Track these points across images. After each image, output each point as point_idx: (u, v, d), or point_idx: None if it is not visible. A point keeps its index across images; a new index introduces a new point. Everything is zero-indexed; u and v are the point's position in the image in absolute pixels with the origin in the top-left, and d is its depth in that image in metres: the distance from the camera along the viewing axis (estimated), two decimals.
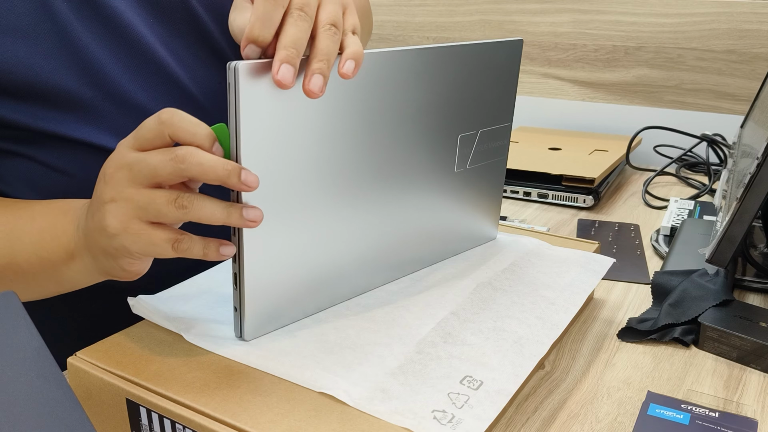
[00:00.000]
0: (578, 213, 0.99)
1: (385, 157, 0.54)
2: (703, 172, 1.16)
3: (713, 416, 0.49)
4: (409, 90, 0.53)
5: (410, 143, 0.55)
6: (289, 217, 0.49)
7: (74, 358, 0.49)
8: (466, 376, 0.47)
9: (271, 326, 0.52)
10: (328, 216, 0.52)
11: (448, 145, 0.59)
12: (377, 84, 0.50)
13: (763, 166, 0.58)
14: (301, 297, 0.53)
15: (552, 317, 0.55)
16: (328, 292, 0.55)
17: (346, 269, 0.55)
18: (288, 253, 0.50)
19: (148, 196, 0.44)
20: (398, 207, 0.57)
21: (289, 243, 0.50)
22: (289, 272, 0.51)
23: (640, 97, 1.28)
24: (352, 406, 0.44)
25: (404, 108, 0.53)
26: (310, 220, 0.50)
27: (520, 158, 1.09)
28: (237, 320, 0.50)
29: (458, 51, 0.55)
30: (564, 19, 1.31)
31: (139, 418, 0.46)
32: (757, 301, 0.69)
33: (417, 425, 0.41)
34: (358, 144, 0.51)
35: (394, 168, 0.55)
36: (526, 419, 0.49)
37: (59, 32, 0.56)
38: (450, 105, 0.57)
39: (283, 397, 0.45)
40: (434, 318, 0.54)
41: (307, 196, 0.49)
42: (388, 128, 0.53)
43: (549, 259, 0.65)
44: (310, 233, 0.51)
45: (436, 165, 0.58)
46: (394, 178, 0.55)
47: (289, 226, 0.49)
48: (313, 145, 0.48)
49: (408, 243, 0.60)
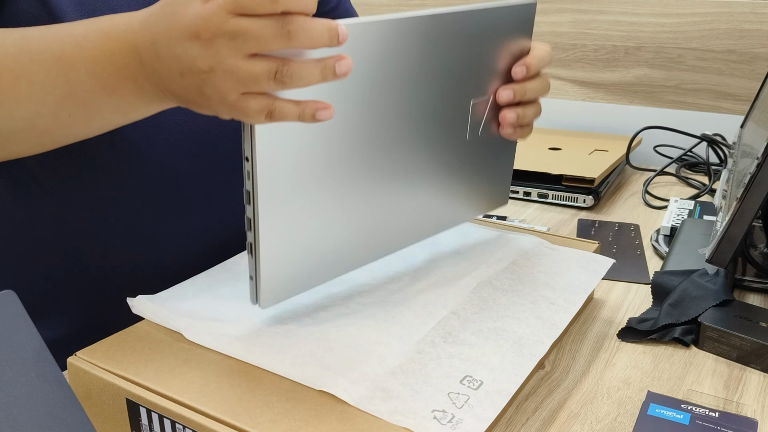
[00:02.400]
0: (578, 213, 0.99)
1: (398, 123, 0.54)
2: (703, 172, 1.16)
3: (713, 416, 0.49)
4: (420, 56, 0.53)
5: (422, 110, 0.55)
6: (303, 183, 0.49)
7: (74, 358, 0.49)
8: (466, 375, 0.47)
9: (286, 294, 0.52)
10: (341, 183, 0.52)
11: (461, 111, 0.59)
12: (389, 51, 0.50)
13: (763, 166, 0.58)
14: (315, 264, 0.54)
15: (552, 317, 0.55)
16: (342, 258, 0.55)
17: (359, 236, 0.56)
18: (302, 220, 0.51)
19: (249, 69, 0.42)
20: (410, 174, 0.57)
21: (304, 209, 0.50)
22: (303, 238, 0.51)
23: (640, 97, 1.28)
24: (352, 405, 0.44)
25: (416, 74, 0.53)
26: (324, 186, 0.51)
27: (520, 158, 1.09)
28: (253, 288, 0.50)
29: (469, 15, 0.55)
30: (564, 19, 1.31)
31: (139, 418, 0.46)
32: (757, 301, 0.69)
33: (417, 425, 0.41)
34: (370, 111, 0.51)
35: (406, 135, 0.55)
36: (526, 419, 0.49)
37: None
38: (462, 70, 0.57)
39: (283, 396, 0.45)
40: (434, 317, 0.54)
41: (321, 162, 0.50)
42: (399, 95, 0.53)
43: (549, 259, 0.65)
44: (324, 199, 0.52)
45: (448, 132, 0.59)
46: (406, 144, 0.55)
47: (303, 193, 0.50)
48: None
49: (420, 210, 0.60)
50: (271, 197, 0.47)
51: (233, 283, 0.59)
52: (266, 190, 0.47)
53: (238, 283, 0.59)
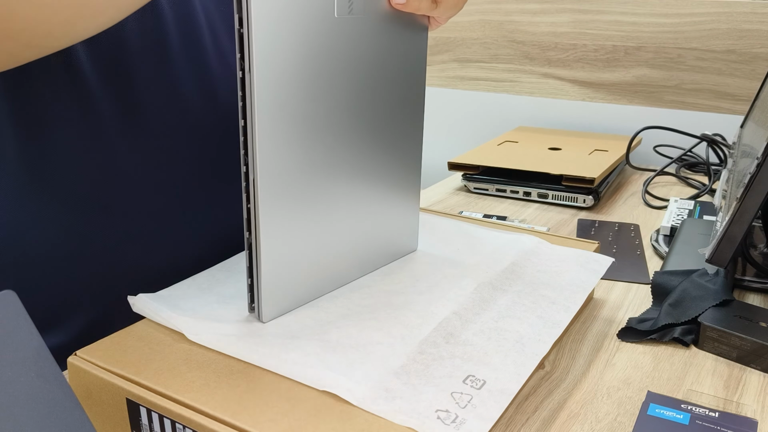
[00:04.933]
0: (578, 213, 0.99)
1: (363, 120, 0.55)
2: (703, 172, 1.16)
3: (713, 416, 0.49)
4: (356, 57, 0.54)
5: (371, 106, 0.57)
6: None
7: (74, 358, 0.49)
8: (469, 375, 0.47)
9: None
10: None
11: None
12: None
13: (763, 166, 0.58)
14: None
15: (553, 316, 0.55)
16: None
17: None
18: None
19: None
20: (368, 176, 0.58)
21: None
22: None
23: (640, 97, 1.28)
24: (355, 405, 0.44)
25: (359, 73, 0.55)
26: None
27: (520, 158, 1.09)
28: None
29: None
30: (564, 19, 1.31)
31: (139, 417, 0.46)
32: (757, 301, 0.69)
33: (421, 425, 0.42)
34: (346, 107, 0.53)
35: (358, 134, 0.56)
36: (526, 419, 0.49)
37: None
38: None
39: (283, 396, 0.45)
40: (436, 317, 0.54)
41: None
42: (353, 92, 0.54)
43: (548, 258, 0.65)
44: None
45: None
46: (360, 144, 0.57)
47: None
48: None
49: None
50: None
51: (233, 283, 0.59)
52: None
53: (239, 283, 0.59)
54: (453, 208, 1.01)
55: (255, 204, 0.49)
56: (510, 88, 1.41)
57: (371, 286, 0.59)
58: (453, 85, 1.47)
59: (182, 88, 0.63)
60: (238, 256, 0.64)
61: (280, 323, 0.53)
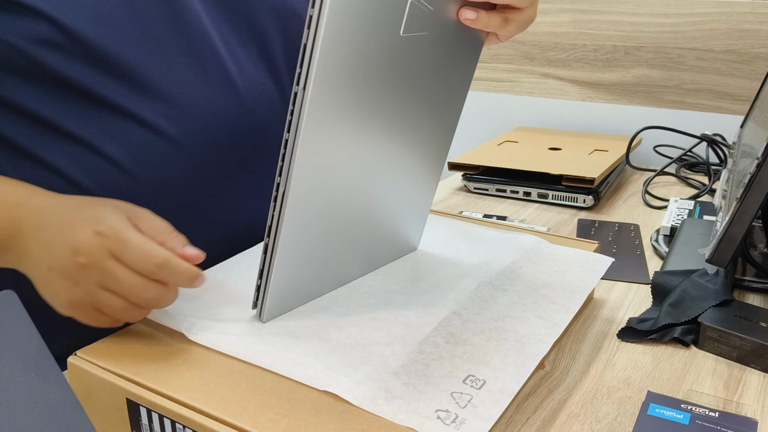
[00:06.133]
0: (578, 213, 0.99)
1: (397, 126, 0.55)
2: (703, 172, 1.16)
3: (713, 416, 0.49)
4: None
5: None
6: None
7: (74, 358, 0.49)
8: (469, 375, 0.47)
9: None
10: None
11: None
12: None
13: (763, 166, 0.58)
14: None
15: (553, 316, 0.55)
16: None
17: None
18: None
19: (105, 300, 0.48)
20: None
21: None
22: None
23: (640, 97, 1.28)
24: (356, 405, 0.44)
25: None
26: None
27: (520, 158, 1.09)
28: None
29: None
30: (564, 19, 1.31)
31: (139, 417, 0.46)
32: (757, 301, 0.69)
33: (421, 425, 0.41)
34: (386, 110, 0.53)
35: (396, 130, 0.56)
36: (526, 419, 0.49)
37: (139, 18, 0.59)
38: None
39: (283, 396, 0.45)
40: (436, 318, 0.54)
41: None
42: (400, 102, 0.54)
43: (548, 258, 0.65)
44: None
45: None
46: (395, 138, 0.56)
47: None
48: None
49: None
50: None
51: (234, 283, 0.59)
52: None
53: (239, 283, 0.59)
54: (453, 208, 1.01)
55: (281, 214, 0.48)
56: (510, 88, 1.41)
57: (371, 285, 0.59)
58: None
59: (230, 75, 0.65)
60: (239, 256, 0.64)
61: (280, 323, 0.53)
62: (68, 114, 0.59)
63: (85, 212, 0.49)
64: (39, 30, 0.55)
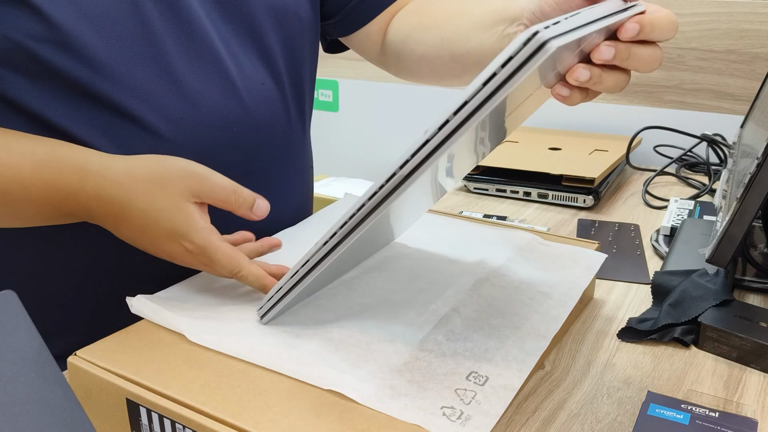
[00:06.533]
0: (578, 213, 0.99)
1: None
2: (703, 172, 1.16)
3: (713, 416, 0.49)
4: None
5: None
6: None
7: (74, 358, 0.49)
8: (472, 372, 0.47)
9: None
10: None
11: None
12: None
13: (763, 166, 0.58)
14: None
15: (550, 311, 0.55)
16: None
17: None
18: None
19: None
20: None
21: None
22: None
23: (640, 97, 1.28)
24: (361, 403, 0.44)
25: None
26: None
27: (520, 158, 1.09)
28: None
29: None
30: None
31: (139, 417, 0.46)
32: (757, 301, 0.69)
33: (428, 422, 0.42)
34: None
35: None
36: (526, 419, 0.49)
37: (139, 19, 0.60)
38: None
39: (283, 396, 0.45)
40: (436, 315, 0.54)
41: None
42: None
43: (543, 255, 0.66)
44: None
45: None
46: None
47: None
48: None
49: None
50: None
51: (233, 284, 0.59)
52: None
53: (238, 282, 0.59)
54: (453, 208, 1.01)
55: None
56: None
57: (370, 284, 0.59)
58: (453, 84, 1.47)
59: (230, 76, 0.66)
60: None
61: (280, 323, 0.53)
62: (67, 115, 0.58)
63: (163, 221, 0.53)
64: (39, 28, 0.55)
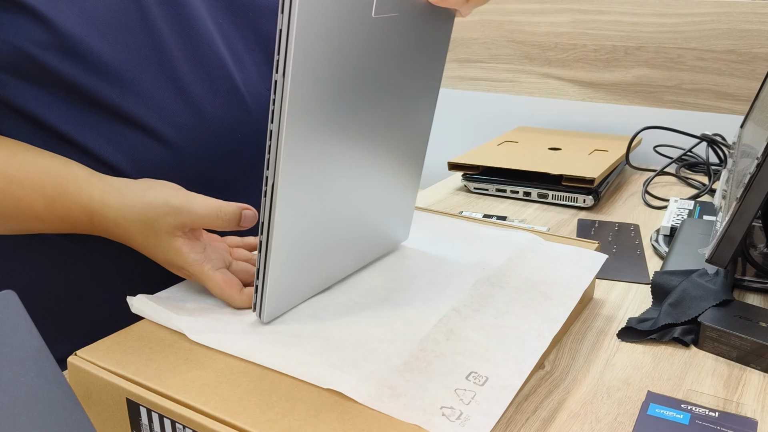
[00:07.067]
0: (578, 213, 0.99)
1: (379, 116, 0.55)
2: (703, 172, 1.16)
3: (713, 416, 0.49)
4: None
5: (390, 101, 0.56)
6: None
7: (74, 358, 0.49)
8: (471, 372, 0.47)
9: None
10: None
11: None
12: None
13: (763, 166, 0.58)
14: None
15: (550, 311, 0.55)
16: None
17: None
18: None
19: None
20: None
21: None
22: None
23: (640, 97, 1.28)
24: (361, 402, 0.44)
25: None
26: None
27: (520, 158, 1.09)
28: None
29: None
30: (564, 19, 1.31)
31: (139, 417, 0.46)
32: (757, 301, 0.69)
33: (427, 422, 0.42)
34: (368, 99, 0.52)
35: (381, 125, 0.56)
36: (526, 419, 0.49)
37: (144, 25, 0.59)
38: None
39: (283, 396, 0.45)
40: (435, 315, 0.54)
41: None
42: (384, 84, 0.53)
43: (543, 255, 0.66)
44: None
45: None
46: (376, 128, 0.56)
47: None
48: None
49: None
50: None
51: None
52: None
53: None
54: (453, 208, 1.01)
55: (273, 208, 0.48)
56: (510, 88, 1.41)
57: (370, 283, 0.59)
58: (453, 85, 1.47)
59: (234, 81, 0.65)
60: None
61: (280, 322, 0.53)
62: (73, 121, 0.58)
63: (160, 254, 0.55)
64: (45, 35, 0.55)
